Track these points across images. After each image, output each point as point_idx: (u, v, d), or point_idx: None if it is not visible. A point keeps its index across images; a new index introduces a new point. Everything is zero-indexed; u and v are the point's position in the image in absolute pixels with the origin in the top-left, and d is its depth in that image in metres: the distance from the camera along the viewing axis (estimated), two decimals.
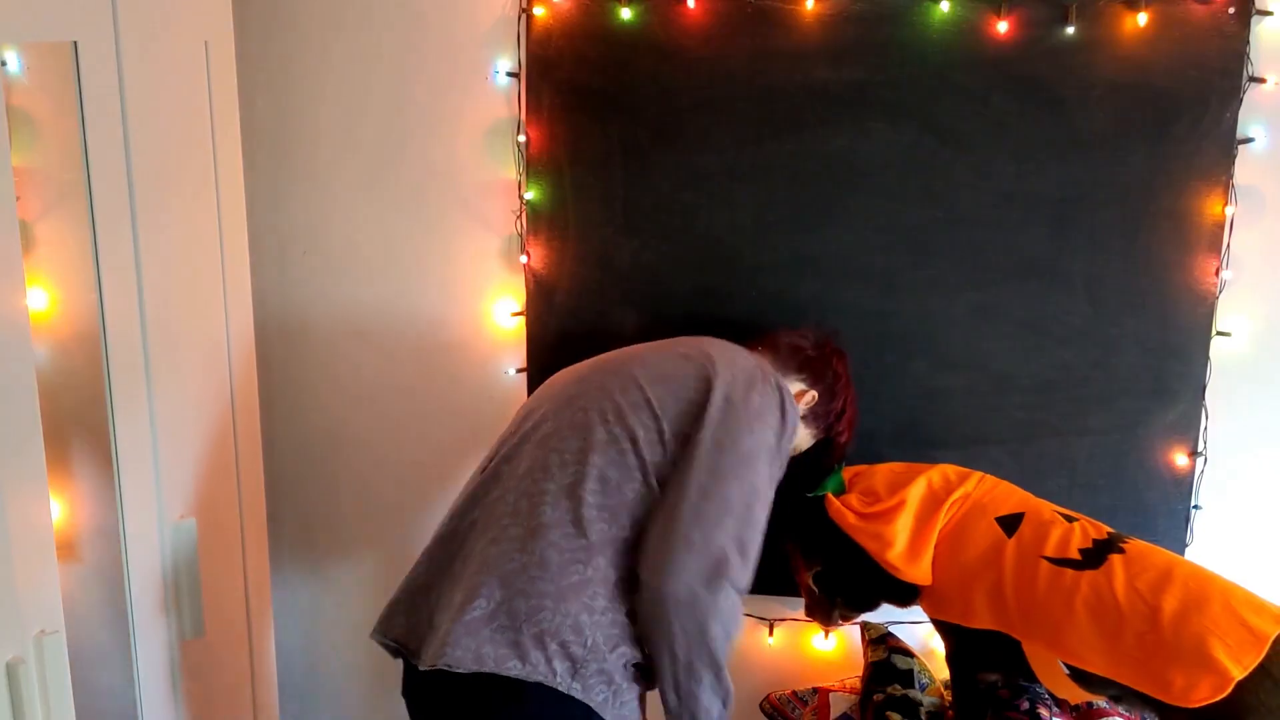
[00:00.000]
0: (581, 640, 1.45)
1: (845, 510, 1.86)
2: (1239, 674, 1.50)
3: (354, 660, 2.37)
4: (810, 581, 1.95)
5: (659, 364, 1.62)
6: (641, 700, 1.56)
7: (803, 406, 1.81)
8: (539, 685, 1.42)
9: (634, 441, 1.53)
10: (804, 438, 1.86)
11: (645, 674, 1.54)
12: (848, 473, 1.94)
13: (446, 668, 1.43)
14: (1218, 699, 1.51)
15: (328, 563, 2.32)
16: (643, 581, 1.47)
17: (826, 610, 1.97)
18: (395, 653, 1.59)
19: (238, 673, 1.99)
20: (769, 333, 1.90)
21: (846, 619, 2.01)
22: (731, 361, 1.62)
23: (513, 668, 1.41)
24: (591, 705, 1.45)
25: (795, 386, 1.81)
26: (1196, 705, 1.52)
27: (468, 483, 1.66)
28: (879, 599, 1.93)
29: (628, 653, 1.50)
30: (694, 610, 1.46)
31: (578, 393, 1.61)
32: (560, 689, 1.43)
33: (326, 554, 2.31)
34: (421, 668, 1.47)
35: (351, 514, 2.29)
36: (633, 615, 1.50)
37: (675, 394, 1.56)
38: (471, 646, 1.42)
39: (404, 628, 1.57)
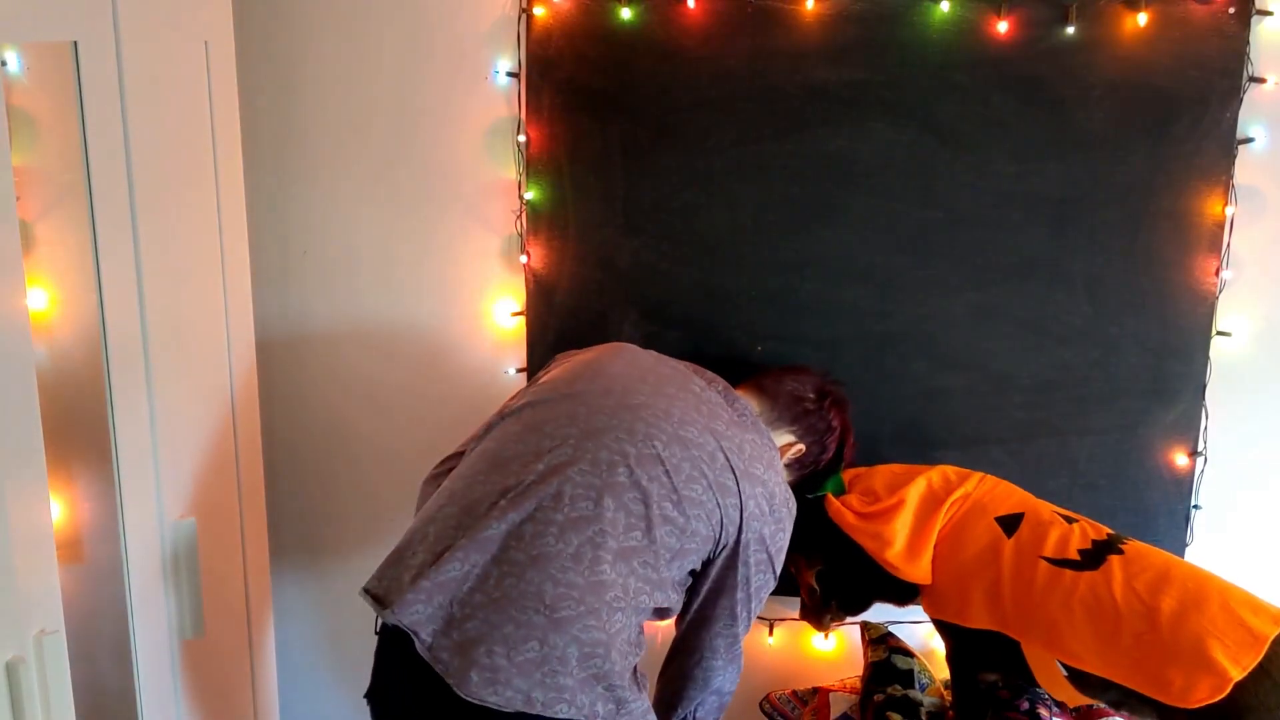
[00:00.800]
0: (623, 684, 1.44)
1: (845, 510, 1.86)
2: (1238, 674, 1.50)
3: (354, 659, 2.36)
4: (813, 581, 1.95)
5: (687, 458, 1.55)
6: None
7: (788, 457, 1.81)
8: None
9: (682, 531, 1.53)
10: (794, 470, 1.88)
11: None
12: (848, 474, 1.94)
13: (497, 707, 1.37)
14: (1217, 699, 1.51)
15: (328, 563, 2.32)
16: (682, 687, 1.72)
17: (820, 614, 1.98)
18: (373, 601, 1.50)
19: (238, 673, 1.98)
20: (771, 372, 1.87)
21: (839, 621, 2.02)
22: (763, 496, 1.61)
23: (561, 710, 1.39)
24: None
25: (784, 438, 1.80)
26: (1195, 706, 1.53)
27: (485, 465, 1.55)
28: (875, 599, 1.94)
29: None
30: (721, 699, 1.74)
31: (634, 448, 1.52)
32: None
33: (326, 554, 2.31)
34: (465, 698, 1.38)
35: (351, 514, 2.29)
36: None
37: (702, 516, 1.54)
38: (523, 689, 1.38)
39: (413, 618, 1.44)
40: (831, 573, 1.93)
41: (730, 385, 1.74)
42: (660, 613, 1.55)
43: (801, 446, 1.81)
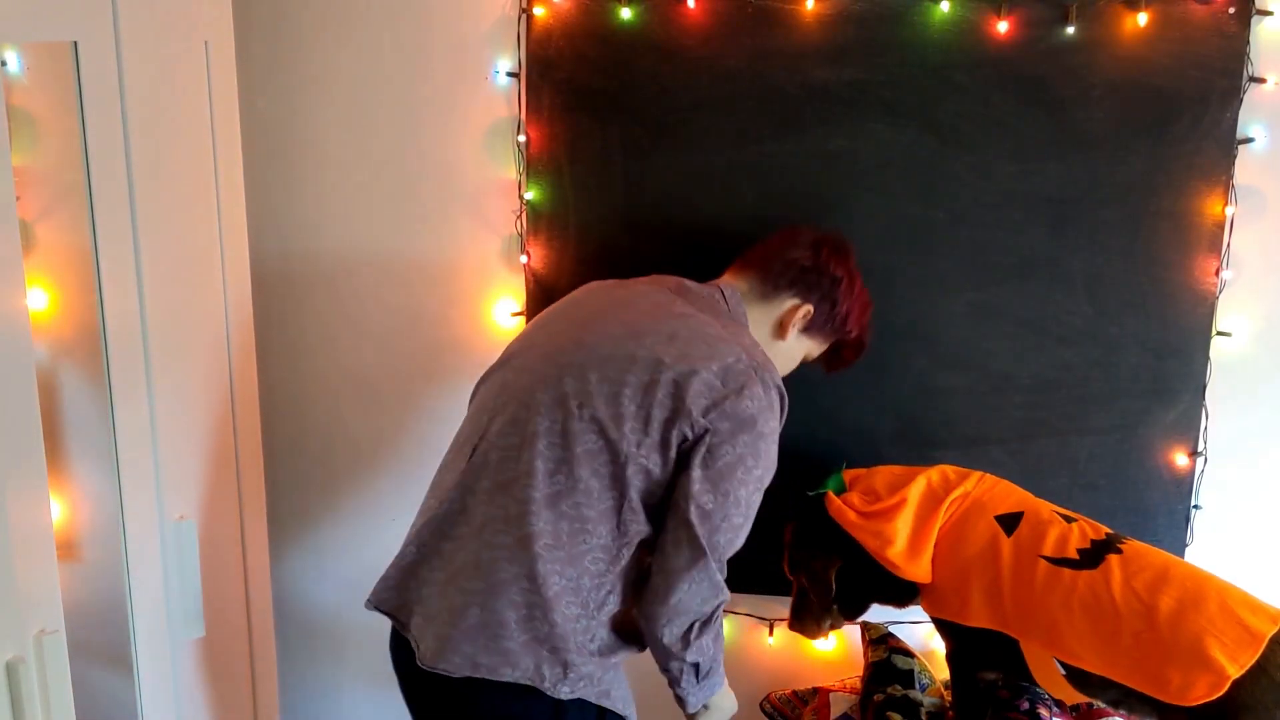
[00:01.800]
0: (568, 646, 1.50)
1: (846, 509, 1.86)
2: (1235, 672, 1.51)
3: (355, 659, 2.36)
4: (833, 579, 1.91)
5: (605, 378, 1.51)
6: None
7: (798, 322, 1.72)
8: (529, 687, 1.49)
9: (615, 456, 1.50)
10: (810, 348, 1.80)
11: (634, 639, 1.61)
12: (848, 475, 1.94)
13: (445, 673, 1.51)
14: (1214, 697, 1.51)
15: (328, 562, 2.32)
16: (643, 620, 1.56)
17: (820, 618, 1.95)
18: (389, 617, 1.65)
19: (238, 673, 1.98)
20: (759, 245, 1.79)
21: (837, 625, 2.00)
22: (712, 373, 1.51)
23: (505, 674, 1.49)
24: (585, 699, 1.53)
25: (786, 303, 1.72)
26: (1193, 704, 1.53)
27: (451, 454, 1.65)
28: (873, 600, 1.93)
29: (617, 646, 1.57)
30: (687, 640, 1.56)
31: (546, 394, 1.54)
32: (549, 693, 1.50)
33: (326, 553, 2.31)
34: (421, 666, 1.53)
35: (351, 514, 2.29)
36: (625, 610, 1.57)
37: (650, 416, 1.49)
38: (468, 653, 1.49)
39: (394, 604, 1.62)
40: (849, 570, 1.90)
41: (694, 280, 1.72)
42: (629, 545, 1.53)
43: (809, 307, 1.72)
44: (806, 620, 1.97)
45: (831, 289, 1.73)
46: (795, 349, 1.77)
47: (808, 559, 1.92)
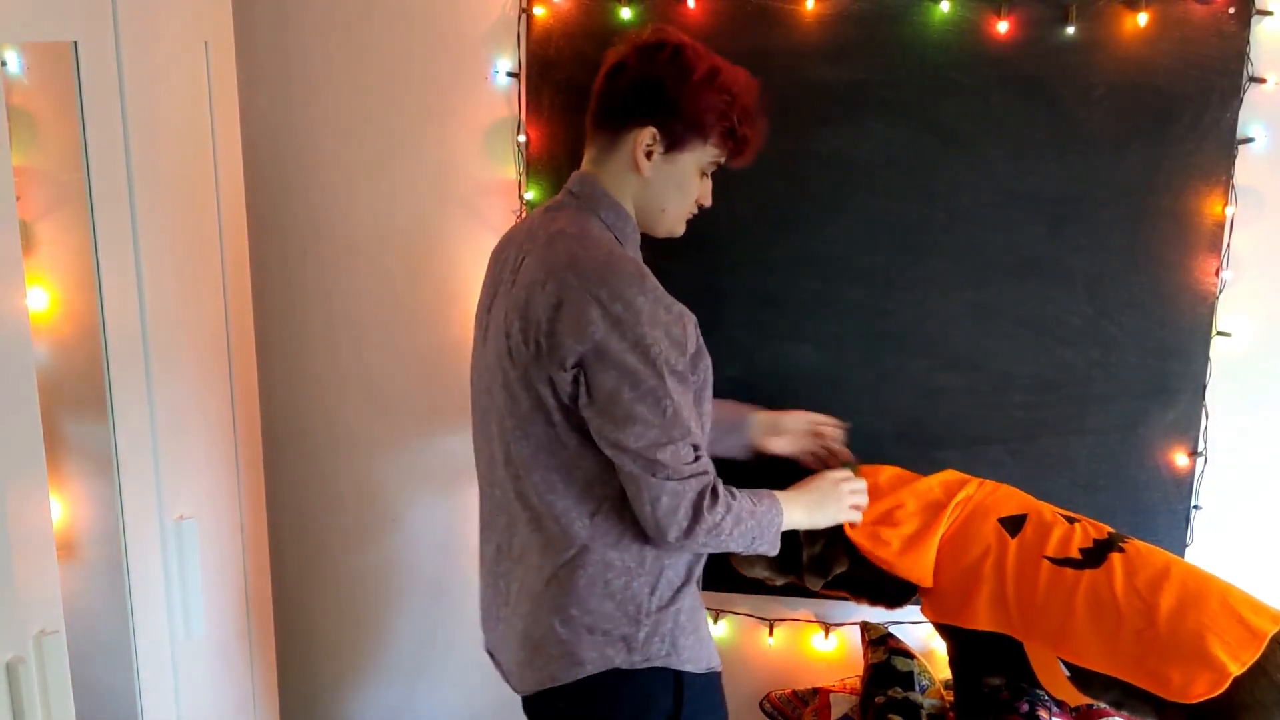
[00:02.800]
0: (618, 623, 1.50)
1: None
2: (1236, 670, 1.51)
3: (354, 658, 2.37)
4: (831, 570, 1.86)
5: (495, 346, 1.50)
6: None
7: (651, 148, 1.50)
8: (608, 672, 1.50)
9: (552, 427, 1.47)
10: (697, 161, 1.54)
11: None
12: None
13: (535, 690, 1.55)
14: (1215, 695, 1.51)
15: (328, 562, 2.32)
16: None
17: (779, 573, 1.89)
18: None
19: (238, 673, 1.98)
20: (589, 111, 1.58)
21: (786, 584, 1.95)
22: (572, 288, 1.40)
23: (576, 673, 1.51)
24: (666, 666, 1.52)
25: (626, 139, 1.50)
26: (1194, 701, 1.53)
27: (478, 481, 1.67)
28: (867, 597, 1.91)
29: (677, 598, 1.55)
30: (696, 540, 1.47)
31: (481, 415, 1.60)
32: (626, 667, 1.50)
33: (326, 553, 2.31)
34: (520, 693, 1.60)
35: (351, 513, 2.29)
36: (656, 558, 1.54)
37: (546, 359, 1.43)
38: (540, 667, 1.53)
39: (490, 644, 1.69)
40: (852, 576, 1.88)
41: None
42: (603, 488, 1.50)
43: (650, 129, 1.48)
44: (760, 566, 1.89)
45: (659, 93, 1.48)
46: (673, 175, 1.53)
47: (824, 547, 1.88)
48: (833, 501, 1.73)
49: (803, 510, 1.68)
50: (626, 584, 1.50)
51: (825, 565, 1.83)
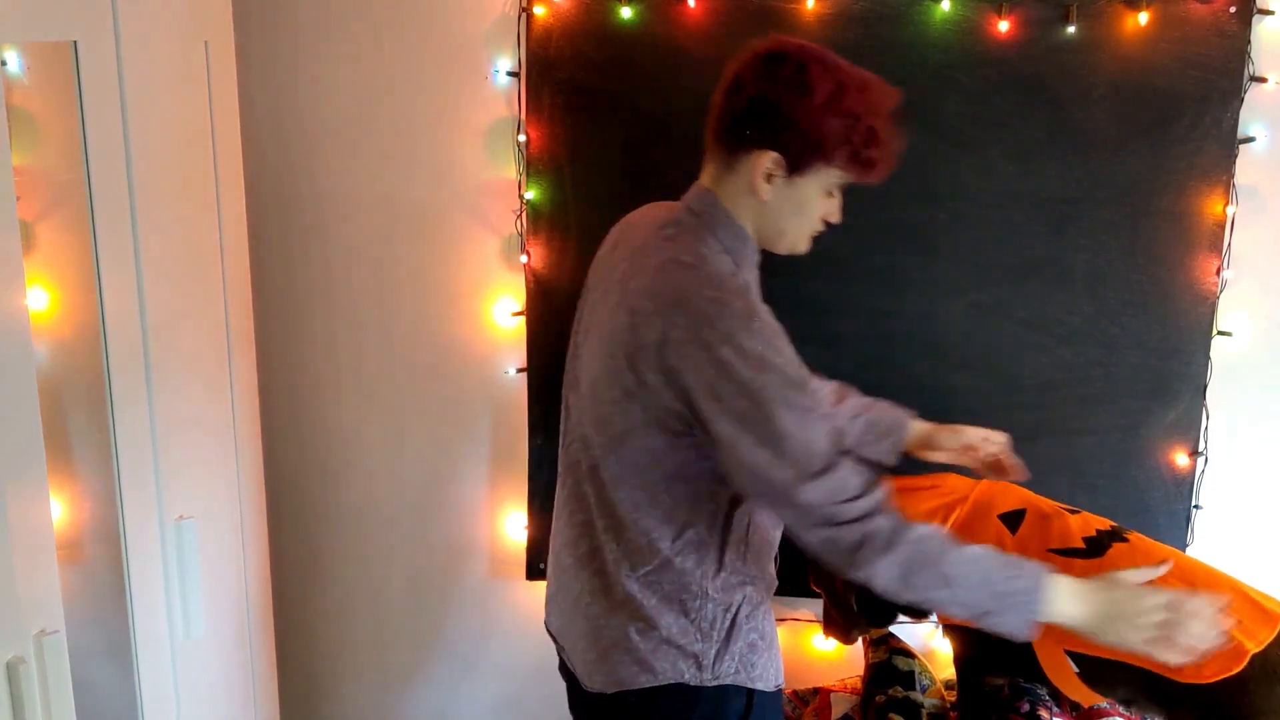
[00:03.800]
0: (692, 635, 1.49)
1: None
2: (1254, 647, 1.50)
3: (354, 659, 2.36)
4: (853, 601, 1.88)
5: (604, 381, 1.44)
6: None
7: (772, 173, 1.41)
8: (677, 685, 1.49)
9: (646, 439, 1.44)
10: (822, 184, 1.43)
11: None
12: None
13: (600, 691, 1.54)
14: (1233, 672, 1.50)
15: (327, 562, 2.31)
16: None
17: (848, 628, 1.94)
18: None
19: (238, 673, 1.98)
20: (708, 125, 1.49)
21: (866, 634, 1.99)
22: (682, 324, 1.34)
23: (644, 681, 1.49)
24: (736, 684, 1.51)
25: (746, 162, 1.42)
26: (1210, 680, 1.51)
27: (560, 468, 1.63)
28: (897, 611, 1.91)
29: (753, 618, 1.52)
30: (835, 551, 1.36)
31: (571, 426, 1.56)
32: (693, 684, 1.49)
33: (326, 553, 2.31)
34: (585, 689, 1.57)
35: (351, 513, 2.29)
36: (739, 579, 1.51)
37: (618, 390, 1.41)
38: (608, 670, 1.52)
39: (554, 627, 1.66)
40: (866, 593, 1.88)
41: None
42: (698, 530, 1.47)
43: (772, 154, 1.39)
44: (835, 630, 1.96)
45: (778, 115, 1.38)
46: (793, 198, 1.44)
47: (830, 577, 1.91)
48: (1136, 622, 1.37)
49: (1085, 610, 1.36)
50: (702, 605, 1.49)
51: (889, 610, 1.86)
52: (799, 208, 1.45)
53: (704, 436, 1.37)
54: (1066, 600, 1.36)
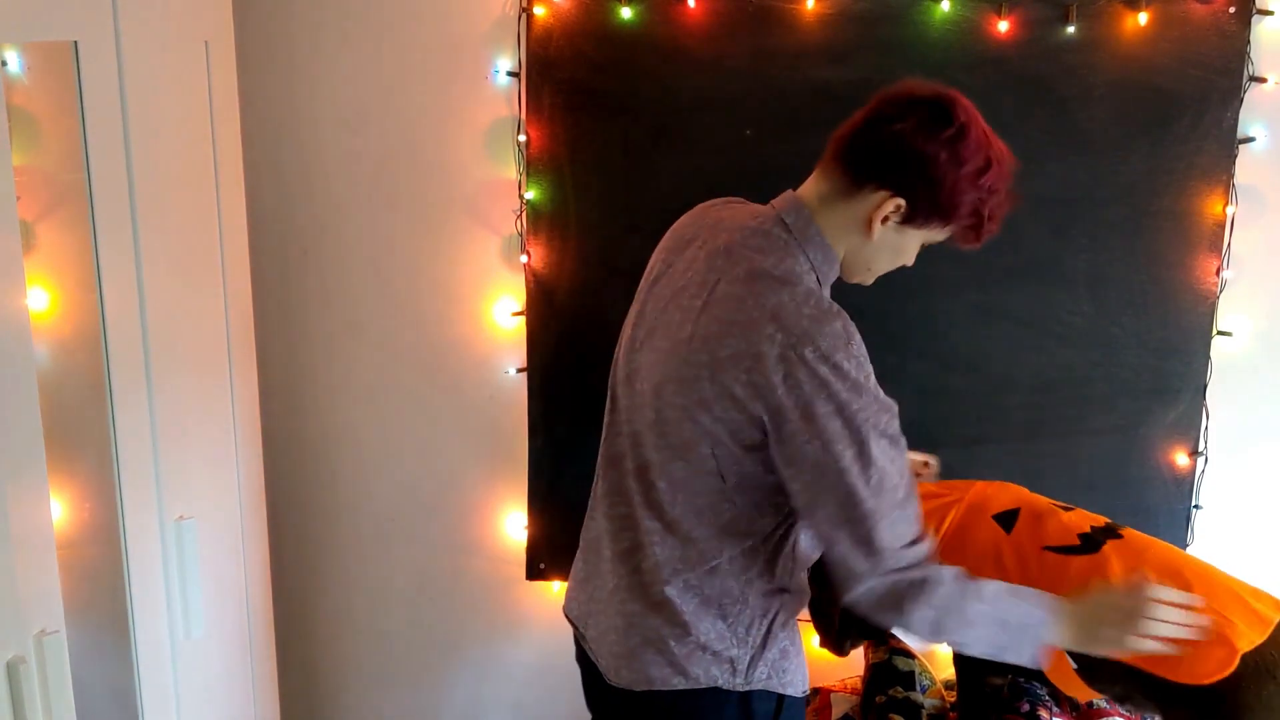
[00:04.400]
0: (728, 647, 1.48)
1: None
2: (1246, 646, 1.51)
3: (354, 659, 2.36)
4: (835, 615, 1.88)
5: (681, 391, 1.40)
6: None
7: (889, 216, 1.40)
8: (710, 688, 1.48)
9: (713, 453, 1.41)
10: (925, 237, 1.45)
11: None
12: None
13: (628, 687, 1.51)
14: (1226, 673, 1.50)
15: (328, 562, 2.31)
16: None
17: (840, 642, 1.94)
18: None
19: (238, 673, 1.98)
20: (850, 123, 1.44)
21: (857, 645, 1.99)
22: (780, 343, 1.32)
23: (677, 683, 1.48)
24: (767, 689, 1.50)
25: (870, 198, 1.39)
26: (1205, 680, 1.52)
27: (600, 464, 1.59)
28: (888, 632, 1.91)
29: (788, 627, 1.52)
30: (884, 616, 1.40)
31: (620, 421, 1.53)
32: (729, 688, 1.48)
33: (326, 553, 2.31)
34: (609, 683, 1.54)
35: (351, 513, 2.28)
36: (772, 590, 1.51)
37: (728, 411, 1.37)
38: (639, 669, 1.49)
39: (576, 613, 1.64)
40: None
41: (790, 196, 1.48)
42: (733, 538, 1.45)
43: (899, 201, 1.38)
44: (828, 644, 1.96)
45: (924, 171, 1.36)
46: (896, 243, 1.45)
47: (816, 590, 1.91)
48: (1113, 622, 1.40)
49: (1074, 627, 1.41)
50: (741, 611, 1.48)
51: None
52: (897, 252, 1.46)
53: (785, 463, 1.35)
54: (1066, 623, 1.40)
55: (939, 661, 2.16)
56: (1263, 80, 1.93)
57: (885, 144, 1.38)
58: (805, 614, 2.19)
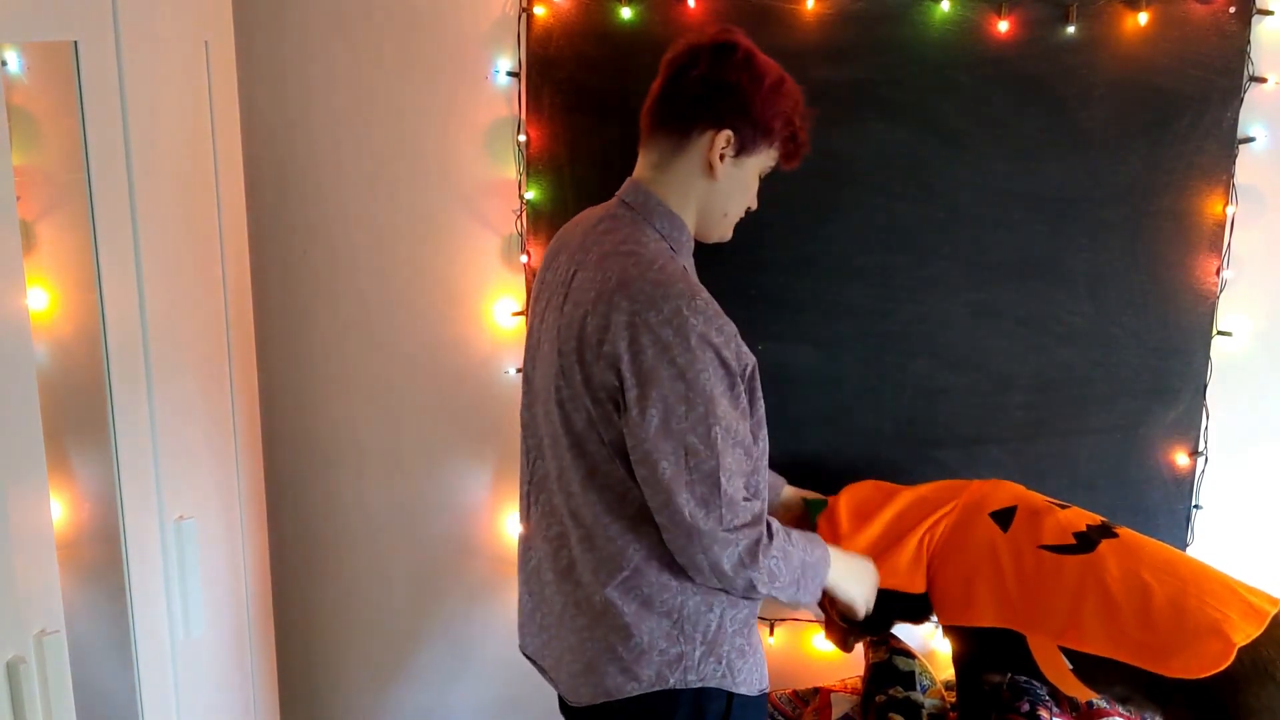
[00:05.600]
0: (674, 637, 1.49)
1: (828, 533, 1.84)
2: (1241, 640, 1.51)
3: (354, 658, 2.37)
4: (835, 616, 1.89)
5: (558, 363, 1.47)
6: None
7: (726, 151, 1.49)
8: (662, 692, 1.50)
9: (604, 448, 1.46)
10: (759, 164, 1.55)
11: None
12: (850, 493, 1.91)
13: (589, 703, 1.54)
14: (1222, 667, 1.51)
15: (327, 562, 2.32)
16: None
17: (845, 636, 1.95)
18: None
19: (238, 673, 1.98)
20: (649, 100, 1.55)
21: (860, 640, 2.00)
22: (627, 310, 1.38)
23: (632, 689, 1.50)
24: (720, 687, 1.52)
25: (700, 140, 1.48)
26: (1200, 675, 1.52)
27: (531, 486, 1.65)
28: (891, 619, 1.91)
29: (735, 619, 1.53)
30: (732, 581, 1.44)
31: (533, 442, 1.61)
32: (679, 687, 1.49)
33: (326, 553, 2.31)
34: (572, 705, 1.58)
35: (351, 513, 2.28)
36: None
37: (593, 388, 1.42)
38: (594, 682, 1.52)
39: (532, 649, 1.68)
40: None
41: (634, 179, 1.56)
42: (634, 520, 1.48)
43: (726, 132, 1.47)
44: (834, 638, 1.97)
45: (735, 96, 1.47)
46: (739, 178, 1.54)
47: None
48: (869, 584, 1.70)
49: (843, 576, 1.62)
50: (682, 603, 1.49)
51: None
52: (744, 188, 1.56)
53: (632, 425, 1.39)
54: (838, 570, 1.59)
55: (939, 661, 2.16)
56: (1263, 80, 1.93)
57: (693, 88, 1.48)
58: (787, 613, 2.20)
